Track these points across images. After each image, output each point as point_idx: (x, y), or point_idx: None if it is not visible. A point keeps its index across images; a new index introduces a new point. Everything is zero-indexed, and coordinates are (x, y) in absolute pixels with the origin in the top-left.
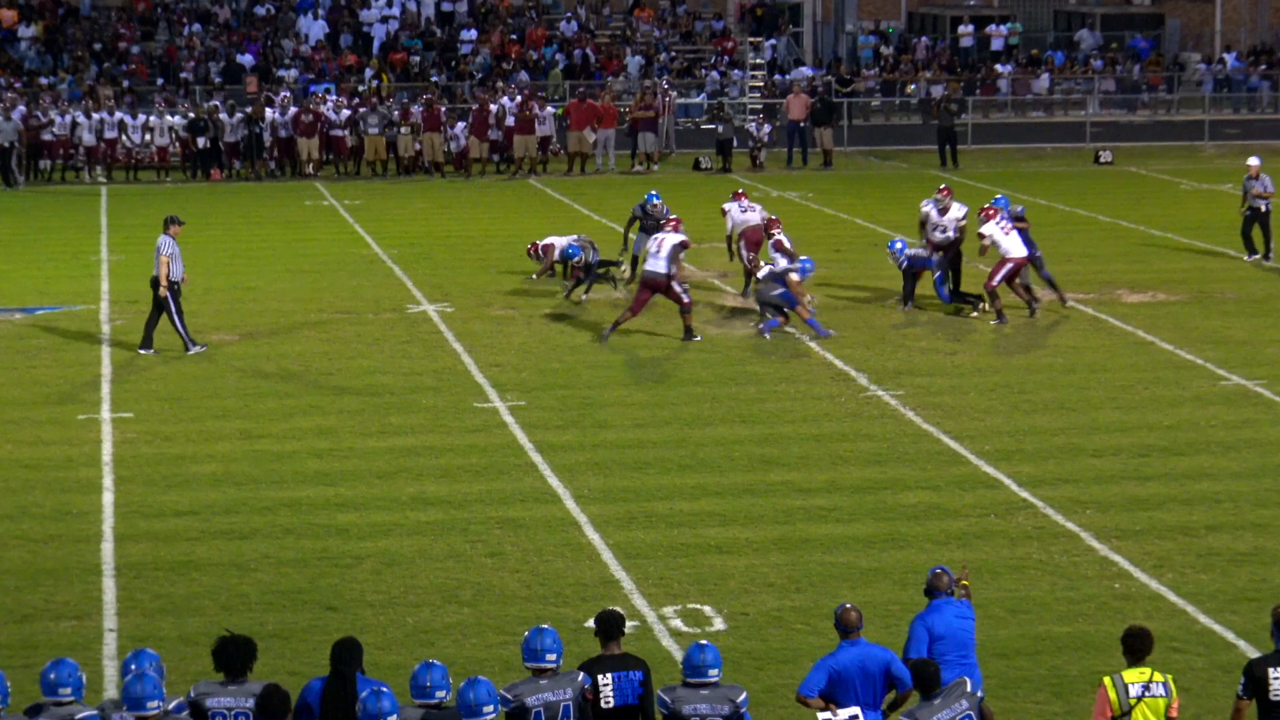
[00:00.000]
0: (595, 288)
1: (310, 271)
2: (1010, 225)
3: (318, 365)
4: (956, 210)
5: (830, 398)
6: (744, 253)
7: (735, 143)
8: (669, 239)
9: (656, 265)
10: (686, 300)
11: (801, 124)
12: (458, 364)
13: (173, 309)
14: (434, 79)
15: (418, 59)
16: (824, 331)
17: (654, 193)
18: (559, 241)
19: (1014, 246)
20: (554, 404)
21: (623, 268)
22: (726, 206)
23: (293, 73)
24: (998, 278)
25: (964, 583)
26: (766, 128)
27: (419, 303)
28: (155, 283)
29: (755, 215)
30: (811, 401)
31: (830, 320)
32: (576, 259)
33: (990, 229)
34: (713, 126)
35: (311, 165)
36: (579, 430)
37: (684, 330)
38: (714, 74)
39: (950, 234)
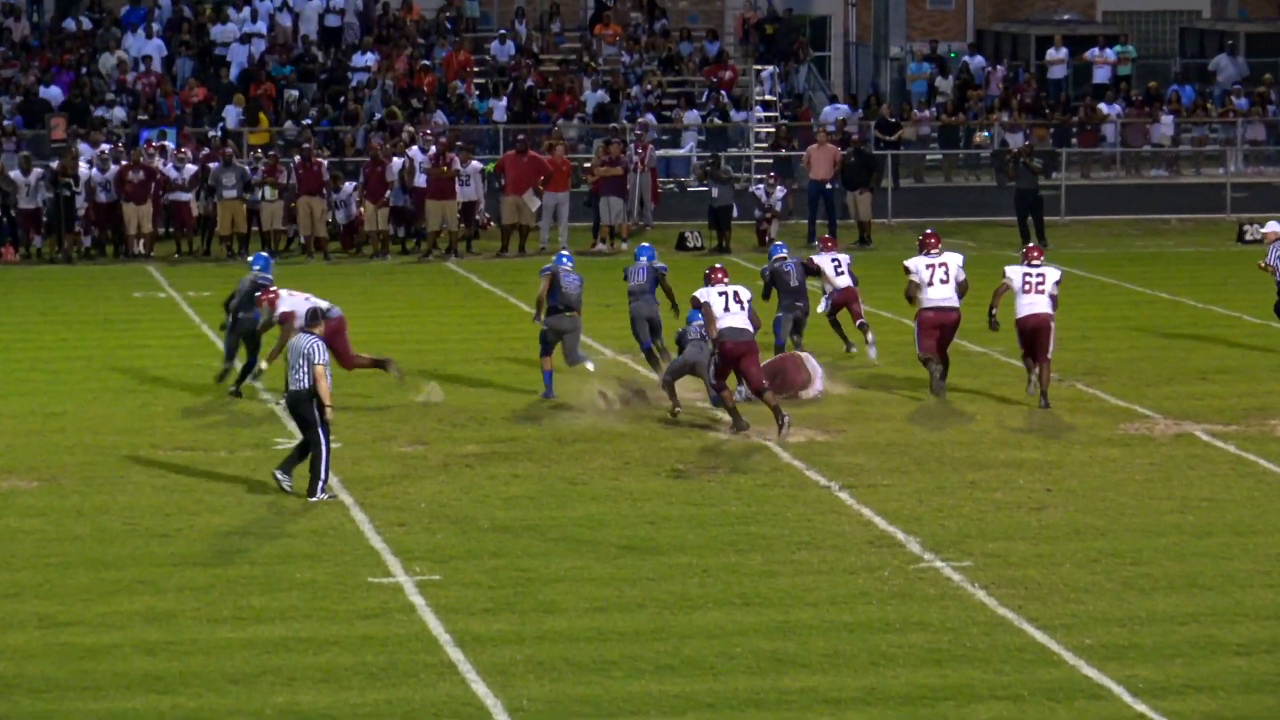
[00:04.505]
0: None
1: (140, 391)
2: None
3: (149, 523)
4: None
5: (868, 570)
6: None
7: (735, 211)
8: (743, 291)
9: (740, 322)
10: (766, 382)
11: (828, 185)
12: (345, 522)
13: None
14: (308, 123)
15: (294, 93)
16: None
17: (565, 254)
18: (298, 306)
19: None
20: (481, 579)
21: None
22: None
23: (118, 112)
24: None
25: None
26: (780, 191)
27: (293, 436)
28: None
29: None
30: (842, 576)
31: (871, 459)
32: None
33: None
34: (704, 189)
35: (143, 241)
36: (516, 616)
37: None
38: (697, 114)
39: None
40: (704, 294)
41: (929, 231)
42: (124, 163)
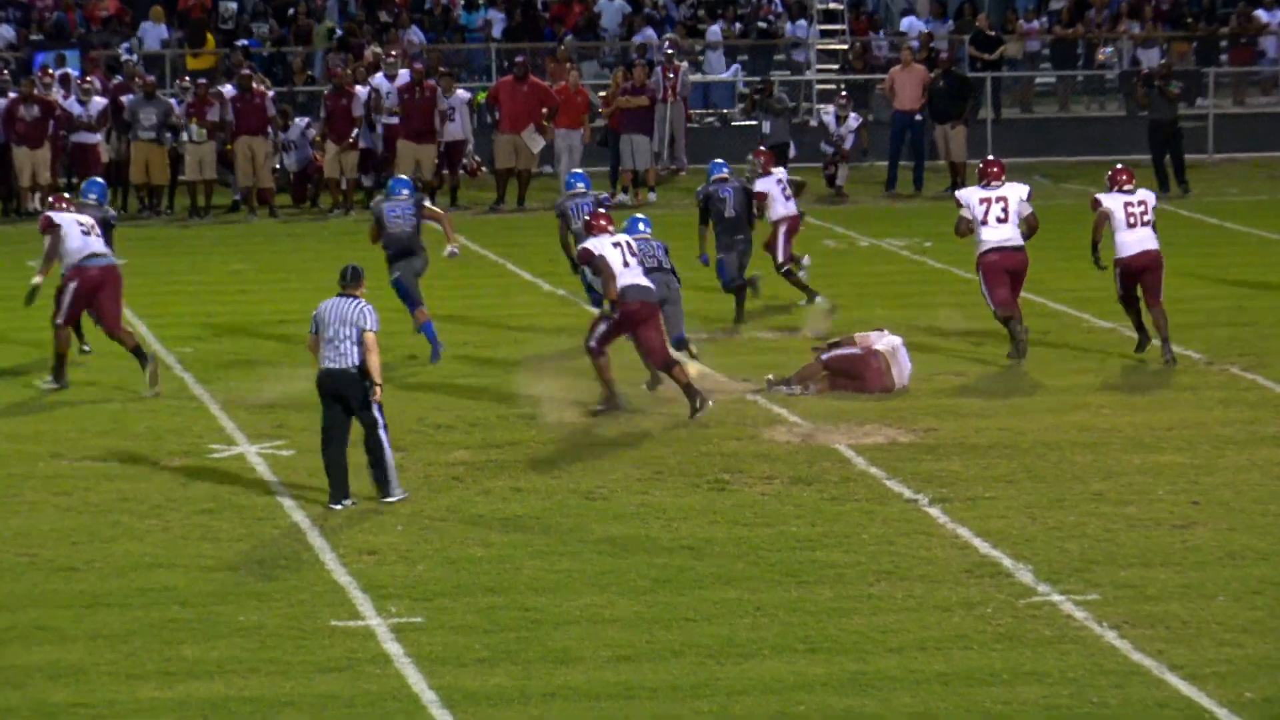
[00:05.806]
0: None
1: (38, 386)
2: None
3: (51, 553)
4: None
5: (967, 607)
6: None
7: (792, 150)
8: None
9: (643, 280)
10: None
11: (915, 117)
12: (301, 549)
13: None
14: (244, 44)
15: (232, 5)
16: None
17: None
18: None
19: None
20: (473, 620)
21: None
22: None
23: (4, 31)
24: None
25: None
26: (852, 122)
27: (233, 441)
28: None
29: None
30: (933, 614)
31: (968, 464)
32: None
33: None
34: (752, 122)
35: (38, 195)
36: (517, 668)
37: (652, 377)
38: (718, 30)
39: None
40: (596, 245)
41: (989, 159)
42: (13, 95)
